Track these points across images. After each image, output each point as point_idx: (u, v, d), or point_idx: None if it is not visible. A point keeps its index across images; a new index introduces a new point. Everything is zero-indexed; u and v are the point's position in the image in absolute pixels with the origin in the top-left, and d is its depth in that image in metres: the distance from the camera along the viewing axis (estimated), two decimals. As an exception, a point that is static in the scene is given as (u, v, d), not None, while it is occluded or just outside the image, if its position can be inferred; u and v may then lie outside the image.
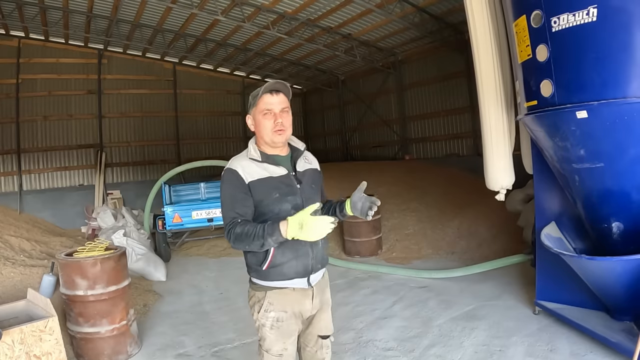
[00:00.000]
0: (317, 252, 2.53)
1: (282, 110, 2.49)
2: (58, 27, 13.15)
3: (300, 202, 2.50)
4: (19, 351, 3.34)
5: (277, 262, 2.43)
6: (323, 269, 2.65)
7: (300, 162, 2.64)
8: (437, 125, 14.96)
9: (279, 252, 2.42)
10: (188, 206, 9.04)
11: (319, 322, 2.67)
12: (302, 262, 2.48)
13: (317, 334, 2.68)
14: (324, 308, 2.69)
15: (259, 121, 2.49)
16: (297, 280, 2.50)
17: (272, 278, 2.47)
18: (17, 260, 7.23)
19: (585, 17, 3.50)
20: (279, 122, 2.46)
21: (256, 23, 12.46)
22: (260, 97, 2.47)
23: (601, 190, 3.97)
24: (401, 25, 12.50)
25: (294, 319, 2.53)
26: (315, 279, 2.59)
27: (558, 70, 3.74)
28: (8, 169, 13.89)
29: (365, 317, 5.36)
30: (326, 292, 2.73)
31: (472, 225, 8.61)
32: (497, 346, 4.35)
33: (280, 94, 2.50)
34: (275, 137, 2.48)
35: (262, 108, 2.47)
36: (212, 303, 6.36)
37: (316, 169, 2.73)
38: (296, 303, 2.52)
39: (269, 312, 2.49)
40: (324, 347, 2.71)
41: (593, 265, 4.03)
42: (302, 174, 2.59)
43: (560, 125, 3.83)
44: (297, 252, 2.45)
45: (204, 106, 18.34)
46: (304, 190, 2.55)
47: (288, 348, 2.53)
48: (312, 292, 2.57)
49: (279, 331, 2.49)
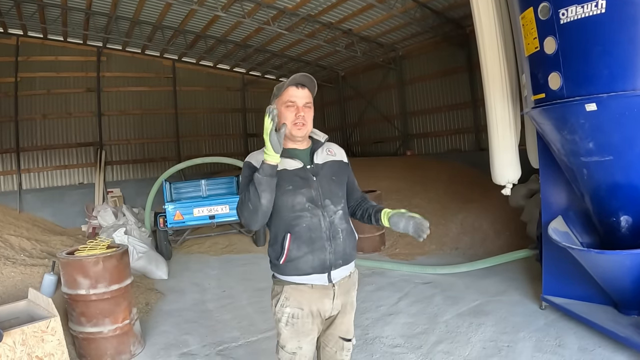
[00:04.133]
0: (335, 246, 2.44)
1: (305, 104, 2.47)
2: (56, 24, 13.09)
3: (315, 194, 2.44)
4: (20, 352, 3.28)
5: (292, 256, 2.38)
6: (347, 266, 2.54)
7: (321, 154, 2.58)
8: (438, 121, 14.91)
9: (294, 247, 2.38)
10: (189, 203, 8.98)
11: (341, 325, 2.60)
12: (318, 256, 2.40)
13: (339, 336, 2.62)
14: (347, 310, 2.61)
15: (280, 112, 2.43)
16: (315, 277, 2.43)
17: (289, 273, 2.42)
18: (18, 259, 7.18)
19: (594, 9, 3.47)
20: (300, 115, 2.44)
21: (256, 19, 12.40)
22: (286, 88, 2.44)
23: (610, 183, 3.94)
24: (402, 20, 12.44)
25: (310, 318, 2.46)
26: (338, 277, 2.49)
27: (566, 63, 3.69)
28: (7, 168, 13.84)
29: (371, 314, 5.32)
30: (351, 294, 2.63)
31: (476, 220, 8.57)
32: (505, 342, 4.31)
33: (305, 89, 2.48)
34: (294, 131, 2.45)
35: (286, 100, 2.44)
36: (215, 301, 6.30)
37: (341, 161, 2.66)
38: (314, 301, 2.45)
39: (285, 307, 2.44)
40: (344, 349, 2.64)
41: (602, 260, 3.99)
42: (320, 167, 2.53)
43: (568, 118, 3.79)
44: (312, 246, 2.39)
45: (204, 103, 18.28)
46: (322, 182, 2.48)
47: (303, 347, 2.46)
48: (334, 292, 2.49)
49: (293, 328, 2.44)
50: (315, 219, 2.41)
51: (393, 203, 9.88)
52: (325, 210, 2.44)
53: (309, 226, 2.40)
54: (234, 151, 18.39)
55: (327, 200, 2.47)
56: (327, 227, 2.42)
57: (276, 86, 2.52)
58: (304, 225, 2.39)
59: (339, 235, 2.46)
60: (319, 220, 2.42)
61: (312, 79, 2.49)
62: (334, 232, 2.45)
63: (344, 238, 2.49)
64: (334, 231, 2.45)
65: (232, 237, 10.11)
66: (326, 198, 2.46)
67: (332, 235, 2.44)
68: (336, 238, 2.45)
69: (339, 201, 2.54)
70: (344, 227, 2.51)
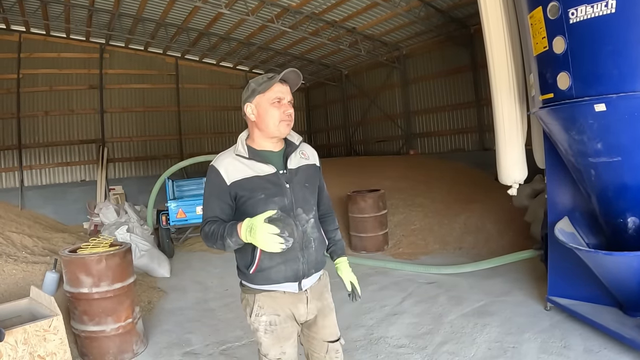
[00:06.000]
0: (308, 256, 2.37)
1: (289, 101, 2.37)
2: (59, 21, 13.08)
3: (288, 203, 2.33)
4: (22, 351, 3.24)
5: (264, 266, 2.29)
6: (318, 272, 2.49)
7: (294, 158, 2.45)
8: (442, 120, 14.88)
9: (266, 257, 2.27)
10: (192, 201, 8.95)
11: (324, 328, 2.53)
12: (291, 267, 2.32)
13: (323, 340, 2.54)
14: (325, 313, 2.54)
15: (264, 110, 2.32)
16: (286, 285, 2.36)
17: (259, 282, 2.34)
18: (19, 257, 7.17)
19: (603, 8, 3.43)
20: (288, 112, 2.34)
21: (260, 16, 12.39)
22: (274, 84, 2.33)
23: (617, 184, 3.90)
24: (406, 19, 12.43)
25: (289, 322, 2.40)
26: (308, 284, 2.42)
27: (576, 63, 3.65)
28: (9, 165, 13.85)
29: (375, 314, 5.29)
30: (325, 297, 2.56)
31: (479, 220, 8.53)
32: (510, 343, 4.28)
33: (287, 85, 2.38)
34: (282, 128, 2.34)
35: (273, 97, 2.32)
36: (217, 300, 6.27)
37: (313, 165, 2.54)
38: (287, 306, 2.39)
39: (260, 316, 2.36)
40: (333, 351, 2.55)
41: (609, 261, 3.95)
42: (294, 172, 2.41)
43: (577, 119, 3.75)
44: (285, 257, 2.29)
45: (207, 101, 18.27)
46: (295, 190, 2.37)
47: (286, 351, 2.39)
48: (306, 297, 2.42)
49: (273, 335, 2.36)
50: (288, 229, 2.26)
51: (396, 202, 9.86)
52: (298, 220, 2.33)
53: None
54: (237, 149, 18.34)
55: (300, 209, 2.37)
56: (299, 237, 2.28)
57: (254, 81, 2.40)
58: None
59: (311, 244, 2.39)
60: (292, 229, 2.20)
61: (300, 75, 2.39)
62: (306, 241, 2.37)
63: (316, 247, 2.42)
64: (306, 241, 2.37)
65: (235, 235, 10.07)
66: (298, 207, 2.37)
67: (305, 245, 2.36)
68: (308, 247, 2.38)
69: (311, 209, 2.45)
70: (316, 236, 2.44)
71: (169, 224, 8.85)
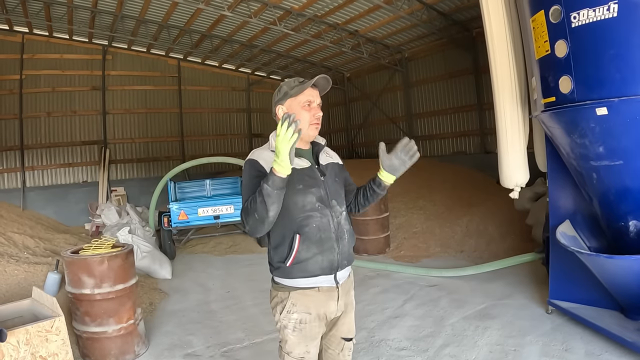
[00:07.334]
0: (342, 247, 2.43)
1: (318, 105, 2.50)
2: (62, 22, 13.09)
3: (324, 194, 2.43)
4: (24, 352, 3.25)
5: (301, 257, 2.34)
6: (349, 267, 2.56)
7: (322, 156, 2.59)
8: (444, 123, 14.85)
9: (304, 247, 2.33)
10: (194, 203, 8.95)
11: (343, 325, 2.58)
12: (328, 257, 2.38)
13: (340, 337, 2.59)
14: (348, 310, 2.59)
15: (296, 112, 2.39)
16: (322, 278, 2.39)
17: (297, 275, 2.37)
18: (21, 257, 7.19)
19: (605, 12, 3.46)
20: (318, 115, 2.47)
21: (262, 19, 12.39)
22: (306, 89, 2.44)
23: (619, 188, 3.91)
24: (408, 22, 12.40)
25: (317, 321, 2.43)
26: (342, 277, 2.49)
27: (578, 66, 3.67)
28: (11, 166, 13.83)
29: (377, 316, 5.29)
30: (351, 294, 2.64)
31: (481, 223, 8.53)
32: (512, 346, 4.29)
33: (317, 89, 2.51)
34: (311, 131, 2.46)
35: (304, 100, 2.43)
36: (219, 302, 6.28)
37: (338, 163, 2.68)
38: (321, 304, 2.42)
39: (292, 313, 2.39)
40: (346, 349, 2.61)
41: (610, 264, 3.96)
42: (325, 167, 2.53)
43: (579, 122, 3.76)
44: (322, 247, 2.36)
45: (209, 103, 18.25)
46: (328, 183, 2.48)
47: (311, 351, 2.43)
48: (338, 293, 2.47)
49: (301, 333, 2.40)
50: (325, 219, 2.39)
51: (398, 205, 9.87)
52: (333, 211, 2.44)
53: (319, 226, 2.37)
54: (239, 151, 18.36)
55: (334, 201, 2.47)
56: (335, 227, 2.41)
57: (285, 84, 2.49)
58: (314, 226, 2.36)
59: (344, 235, 2.46)
60: (328, 220, 2.40)
61: (329, 82, 2.53)
62: (340, 232, 2.44)
63: (348, 239, 2.49)
64: (340, 232, 2.44)
65: (236, 237, 10.10)
66: (333, 198, 2.46)
67: (339, 235, 2.43)
68: (342, 239, 2.45)
69: (343, 202, 2.55)
70: (348, 228, 2.52)
71: (171, 226, 8.84)
